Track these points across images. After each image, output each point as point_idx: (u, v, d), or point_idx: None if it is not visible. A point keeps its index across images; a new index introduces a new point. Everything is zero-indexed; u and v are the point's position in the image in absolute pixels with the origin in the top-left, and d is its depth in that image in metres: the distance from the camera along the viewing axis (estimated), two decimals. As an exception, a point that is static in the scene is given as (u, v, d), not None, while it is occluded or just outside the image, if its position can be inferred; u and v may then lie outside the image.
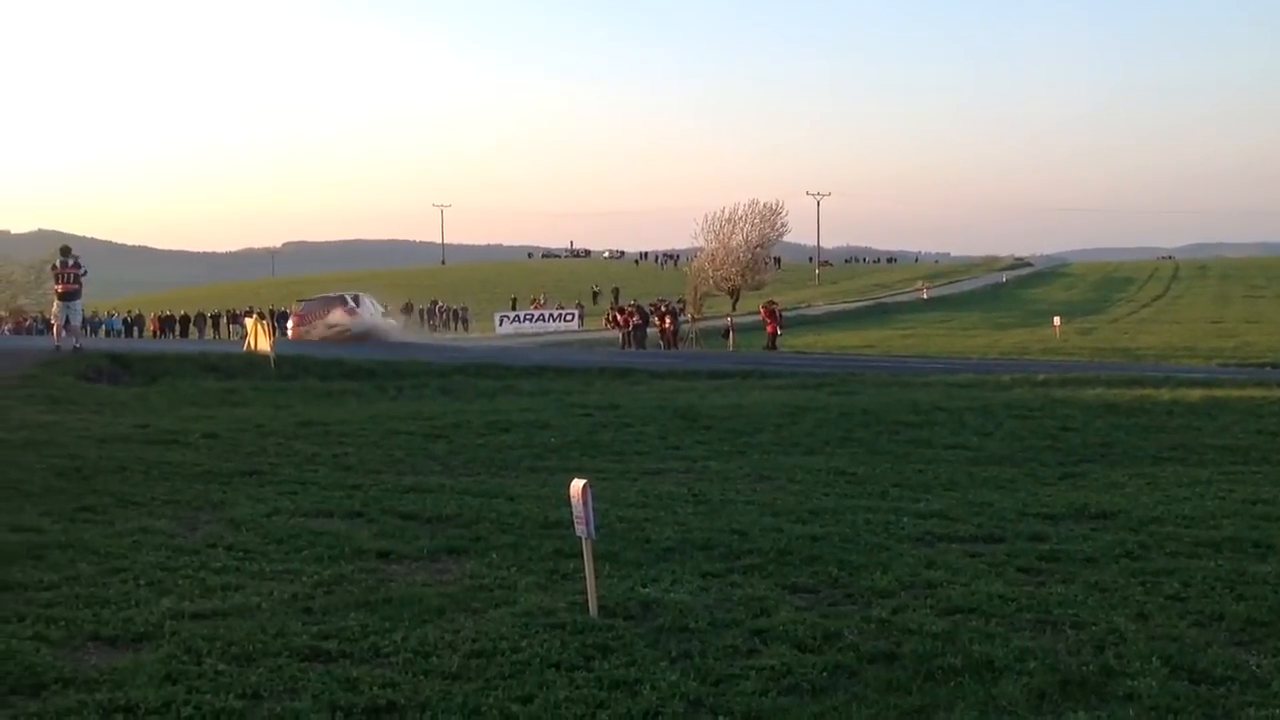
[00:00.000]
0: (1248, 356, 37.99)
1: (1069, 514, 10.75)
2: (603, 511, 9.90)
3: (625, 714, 5.74)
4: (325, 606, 7.49)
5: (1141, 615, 7.38)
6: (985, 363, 35.39)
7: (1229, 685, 6.16)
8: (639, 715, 5.74)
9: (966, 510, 10.94)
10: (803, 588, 8.14)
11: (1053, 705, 5.91)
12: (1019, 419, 18.16)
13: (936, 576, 8.32)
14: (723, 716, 5.73)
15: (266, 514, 10.35)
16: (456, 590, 7.91)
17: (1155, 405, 19.66)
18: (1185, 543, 9.44)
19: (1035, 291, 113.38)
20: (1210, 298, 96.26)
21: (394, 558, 8.94)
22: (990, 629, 7.07)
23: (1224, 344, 46.16)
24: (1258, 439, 16.55)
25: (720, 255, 79.18)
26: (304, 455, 14.20)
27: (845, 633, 6.96)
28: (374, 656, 6.54)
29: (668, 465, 14.23)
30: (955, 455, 15.27)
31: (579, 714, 5.75)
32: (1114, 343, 48.46)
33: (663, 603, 7.56)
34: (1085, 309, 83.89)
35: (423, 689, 6.00)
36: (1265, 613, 7.40)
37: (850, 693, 6.05)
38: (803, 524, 10.21)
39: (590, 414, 18.76)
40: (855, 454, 15.31)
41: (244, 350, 30.31)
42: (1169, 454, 15.35)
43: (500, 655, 6.51)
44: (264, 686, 6.03)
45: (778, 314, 46.26)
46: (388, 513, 10.53)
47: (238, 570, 8.39)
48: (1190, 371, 29.60)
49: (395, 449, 15.02)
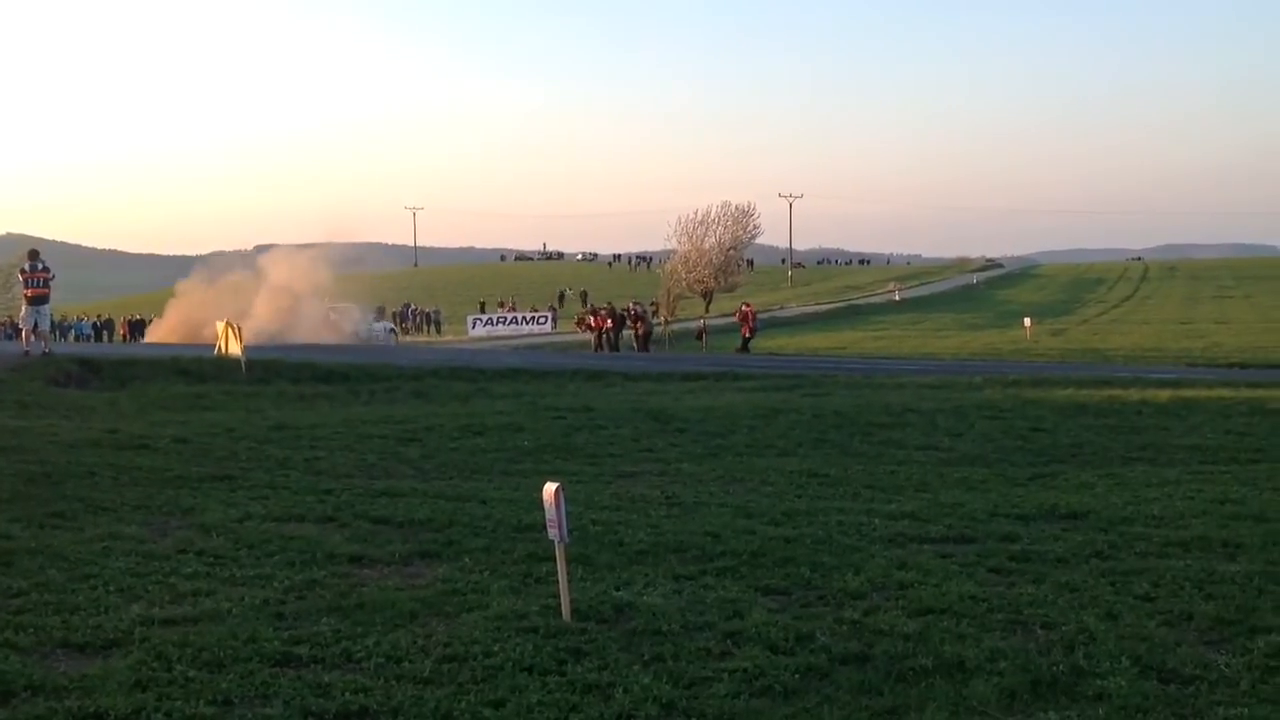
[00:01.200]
0: (1216, 357, 38.29)
1: (1040, 514, 10.81)
2: (576, 514, 9.91)
3: (598, 718, 5.73)
4: (297, 612, 7.46)
5: (1111, 615, 7.42)
6: (957, 364, 35.56)
7: (1198, 684, 6.20)
8: (612, 719, 5.74)
9: (938, 511, 10.98)
10: (775, 590, 8.15)
11: (1023, 705, 5.94)
12: (990, 420, 18.27)
13: (908, 577, 8.35)
14: (695, 719, 5.74)
15: (238, 519, 10.29)
16: (429, 594, 7.89)
17: (1125, 406, 19.81)
18: (1155, 542, 9.50)
19: (1006, 293, 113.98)
20: (1179, 299, 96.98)
21: (366, 562, 8.90)
22: (961, 630, 7.10)
23: (1193, 345, 46.52)
24: (1226, 439, 16.70)
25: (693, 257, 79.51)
26: (275, 460, 14.13)
27: (817, 634, 6.98)
28: (346, 662, 6.52)
29: (641, 468, 14.25)
30: (927, 456, 15.35)
31: (552, 718, 5.74)
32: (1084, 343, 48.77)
33: (636, 606, 7.56)
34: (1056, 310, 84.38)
35: (395, 694, 5.98)
36: (1234, 612, 7.46)
37: (822, 694, 6.06)
38: (776, 526, 10.23)
39: (564, 417, 18.76)
40: (828, 455, 15.36)
41: (215, 354, 30.14)
42: (1138, 454, 15.48)
43: (473, 659, 6.50)
44: (235, 693, 6.00)
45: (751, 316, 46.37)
46: (360, 517, 10.49)
47: (208, 576, 8.35)
48: (1159, 372, 29.83)
49: (368, 453, 14.97)
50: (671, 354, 40.77)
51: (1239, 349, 42.34)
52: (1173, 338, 51.97)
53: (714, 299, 78.10)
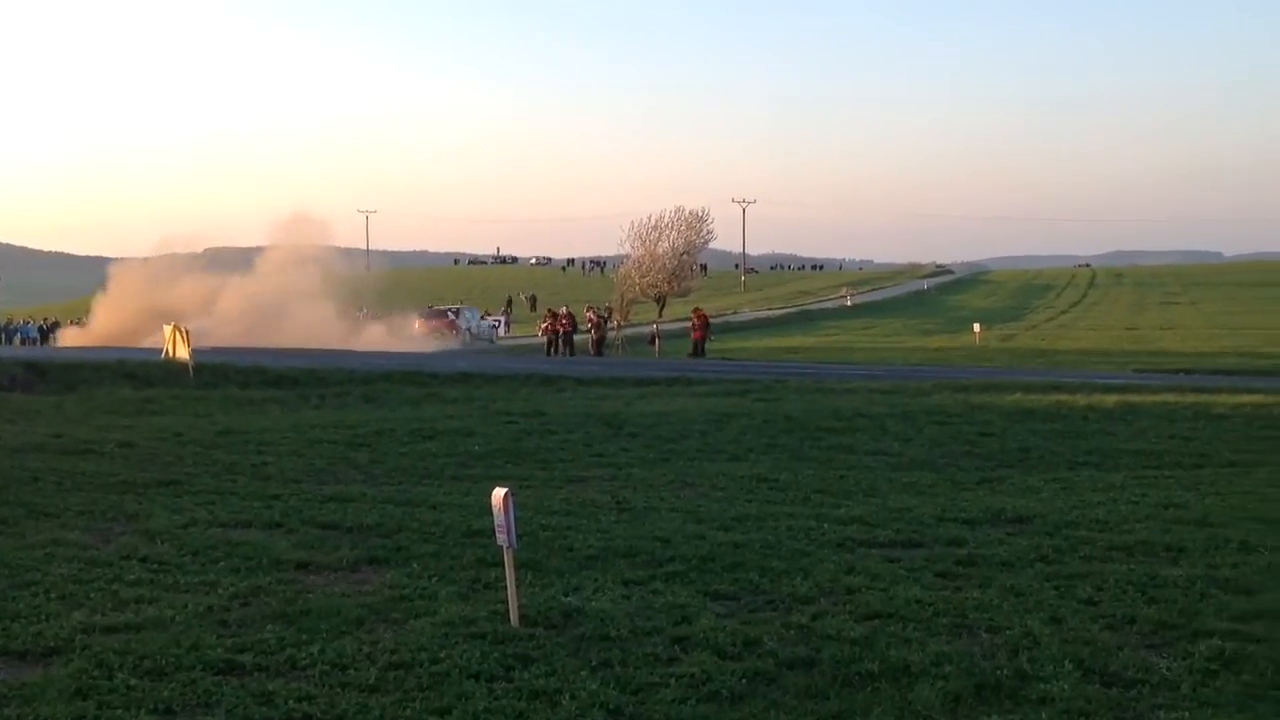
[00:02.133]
0: (1162, 363, 38.72)
1: (986, 519, 10.90)
2: (526, 519, 9.89)
3: (544, 724, 5.72)
4: (241, 619, 7.39)
5: (1056, 619, 7.49)
6: (907, 369, 35.79)
7: (1140, 688, 6.27)
8: (558, 725, 5.73)
9: (886, 516, 11.05)
10: (724, 595, 8.17)
11: (968, 709, 5.98)
12: (939, 425, 18.41)
13: (856, 582, 8.40)
14: (642, 725, 5.74)
15: (183, 525, 10.20)
16: (376, 601, 7.85)
17: (1072, 411, 20.01)
18: (1099, 547, 9.61)
19: (957, 298, 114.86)
20: (1126, 305, 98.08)
21: (313, 568, 8.84)
22: (908, 634, 7.14)
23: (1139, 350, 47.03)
24: (1170, 444, 16.92)
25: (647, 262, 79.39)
26: (223, 465, 14.02)
27: (765, 639, 7.00)
28: (290, 669, 6.47)
29: (592, 473, 14.24)
30: (876, 461, 15.44)
31: (498, 725, 5.72)
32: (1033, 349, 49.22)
33: (584, 611, 7.55)
34: (1005, 315, 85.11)
35: (340, 702, 5.94)
36: (1176, 616, 7.55)
37: (769, 699, 6.08)
38: (725, 531, 10.26)
39: (515, 421, 18.73)
40: (778, 460, 15.42)
41: (162, 358, 29.84)
42: (1084, 459, 15.64)
43: (419, 666, 6.47)
44: (177, 701, 5.95)
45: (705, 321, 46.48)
46: (307, 523, 10.42)
47: (152, 583, 8.26)
48: (1106, 378, 30.15)
49: (316, 458, 14.87)
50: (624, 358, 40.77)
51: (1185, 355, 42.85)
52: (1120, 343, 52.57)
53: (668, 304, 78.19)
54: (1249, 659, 6.65)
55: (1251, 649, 6.82)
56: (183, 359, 27.96)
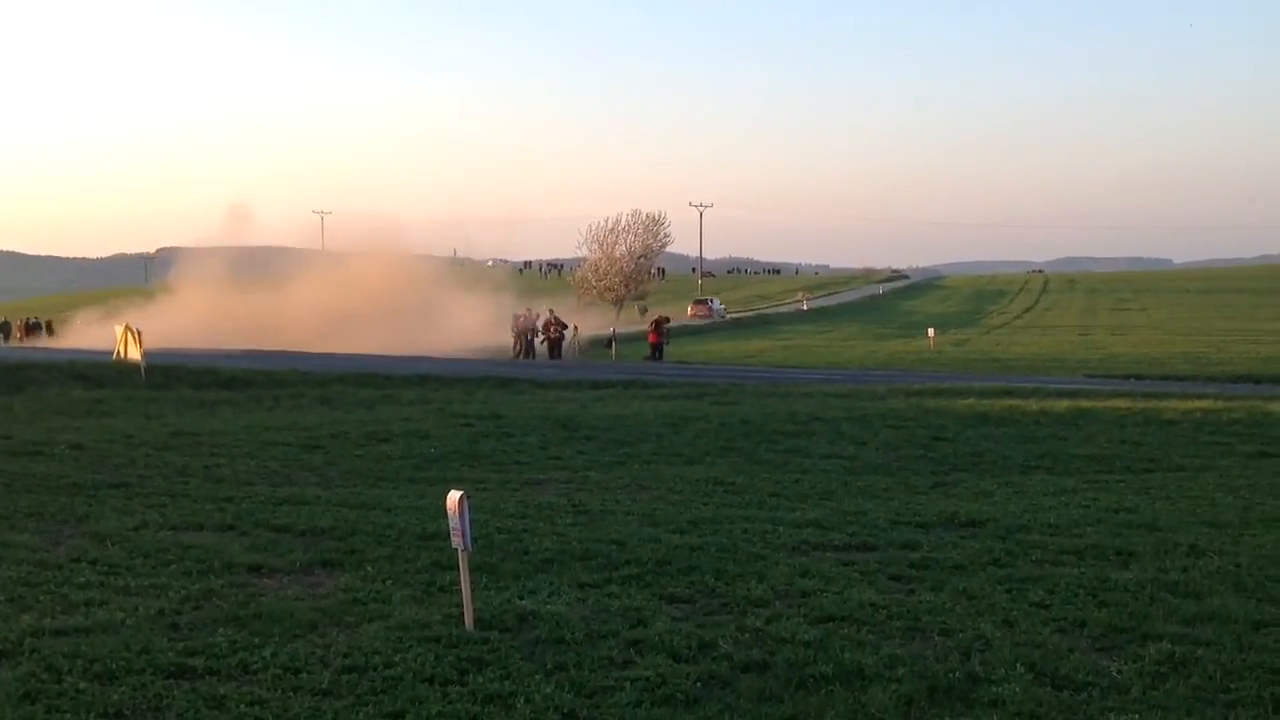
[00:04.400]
0: (1113, 368, 39.08)
1: (940, 522, 10.98)
2: (482, 522, 9.86)
3: (499, 728, 5.71)
4: (193, 622, 7.33)
5: (1007, 622, 7.56)
6: (862, 373, 35.96)
7: (1090, 691, 6.33)
8: (512, 729, 5.72)
9: (841, 519, 11.11)
10: (679, 598, 8.18)
11: (920, 712, 6.02)
12: (894, 429, 18.52)
13: (810, 585, 8.43)
14: (596, 728, 5.74)
15: (134, 527, 10.09)
16: (329, 604, 7.80)
17: (1024, 415, 20.19)
18: (1050, 550, 9.69)
19: (911, 303, 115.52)
20: (1078, 310, 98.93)
21: (266, 571, 8.77)
22: (861, 637, 7.18)
23: (1090, 355, 47.43)
24: (1121, 448, 17.10)
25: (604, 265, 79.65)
26: (174, 467, 13.88)
27: (720, 642, 7.01)
28: (242, 673, 6.41)
29: (548, 475, 14.22)
30: (832, 465, 15.52)
31: (452, 728, 5.70)
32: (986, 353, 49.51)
33: (539, 614, 7.54)
34: (959, 321, 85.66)
35: (292, 706, 5.90)
36: (1126, 619, 7.63)
37: (723, 703, 6.09)
38: (681, 534, 10.27)
39: (471, 424, 18.67)
40: (734, 464, 15.46)
41: (113, 359, 29.52)
42: (1037, 463, 15.79)
43: (372, 670, 6.43)
44: (127, 705, 5.88)
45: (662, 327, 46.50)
46: (261, 525, 10.34)
47: (102, 585, 8.17)
48: (1058, 382, 30.41)
49: (270, 460, 14.76)
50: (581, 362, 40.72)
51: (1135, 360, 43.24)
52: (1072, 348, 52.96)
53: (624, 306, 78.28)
54: (1198, 662, 6.74)
55: (1200, 652, 6.91)
56: (134, 360, 27.69)
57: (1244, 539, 10.30)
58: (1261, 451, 16.99)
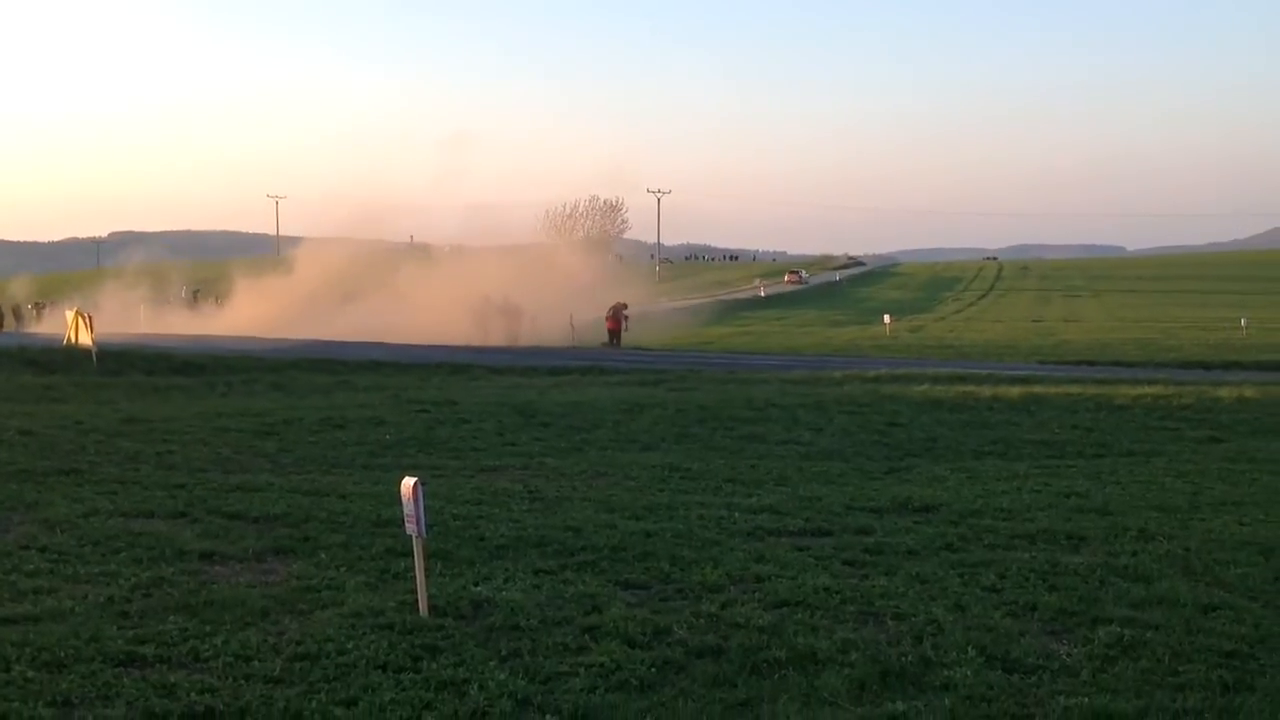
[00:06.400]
0: (1065, 355, 39.39)
1: (894, 507, 11.05)
2: (437, 509, 9.82)
3: (452, 715, 5.70)
4: (143, 610, 7.26)
5: (959, 606, 7.62)
6: (819, 359, 36.08)
7: (1040, 674, 6.40)
8: (466, 716, 5.70)
9: (796, 504, 11.15)
10: (635, 584, 8.19)
11: (872, 696, 6.06)
12: (849, 415, 18.60)
13: (765, 570, 8.46)
14: (550, 715, 5.74)
15: (84, 514, 9.97)
16: (282, 591, 7.75)
17: (978, 402, 20.33)
18: (1002, 535, 9.78)
19: (868, 290, 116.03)
20: (1031, 298, 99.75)
21: (218, 559, 8.71)
22: (815, 621, 7.22)
23: (1043, 342, 47.78)
24: (1072, 434, 17.26)
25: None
26: (126, 453, 13.73)
27: (675, 628, 7.03)
28: (193, 661, 6.36)
29: (504, 462, 14.18)
30: (787, 450, 15.57)
31: (405, 716, 5.68)
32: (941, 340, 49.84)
33: (494, 601, 7.53)
34: (915, 307, 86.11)
35: (243, 694, 5.86)
36: (1076, 603, 7.72)
37: (678, 688, 6.11)
38: (637, 520, 10.27)
39: (427, 410, 18.59)
40: (691, 450, 15.48)
41: (64, 344, 29.17)
42: (990, 448, 15.92)
43: (325, 658, 6.40)
44: (75, 694, 5.83)
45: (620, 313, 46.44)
46: (213, 512, 10.25)
47: (51, 573, 8.08)
48: (1011, 368, 30.66)
49: (223, 446, 14.63)
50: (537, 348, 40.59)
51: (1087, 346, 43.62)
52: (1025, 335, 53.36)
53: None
54: (1147, 645, 6.83)
55: (1149, 635, 7.00)
56: (85, 345, 27.36)
57: (1193, 523, 10.43)
58: (1210, 437, 17.21)
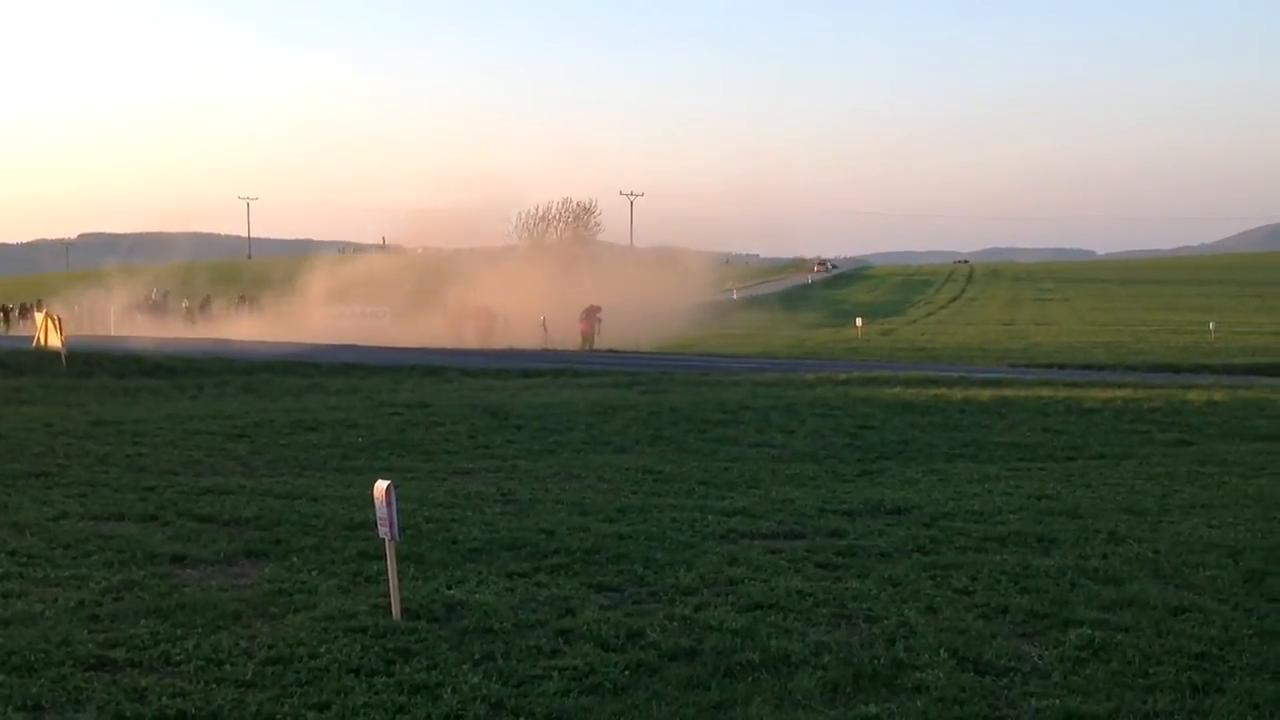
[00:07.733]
0: (1036, 357, 39.63)
1: (866, 510, 11.09)
2: (410, 512, 9.80)
3: (425, 718, 5.68)
4: (114, 613, 7.21)
5: (931, 608, 7.65)
6: (791, 362, 36.17)
7: (1012, 676, 6.42)
8: (439, 719, 5.69)
9: (769, 507, 11.17)
10: (608, 586, 8.19)
11: (845, 698, 6.08)
12: (821, 417, 18.65)
13: (738, 573, 8.48)
14: (524, 718, 5.73)
15: (53, 517, 9.91)
16: (254, 595, 7.71)
17: (949, 404, 20.42)
18: (974, 537, 9.83)
19: (840, 292, 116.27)
20: (1002, 300, 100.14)
21: (189, 562, 8.66)
22: (788, 624, 7.24)
23: (1014, 345, 48.02)
24: (1044, 437, 17.35)
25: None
26: (95, 456, 13.64)
27: (648, 631, 7.03)
28: (164, 665, 6.33)
29: (477, 464, 14.16)
30: (760, 453, 15.60)
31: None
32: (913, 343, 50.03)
33: (467, 604, 7.51)
34: (886, 310, 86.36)
35: (214, 698, 5.83)
36: (1047, 605, 7.76)
37: (651, 691, 6.11)
38: (610, 523, 10.28)
39: (400, 413, 18.54)
40: (664, 452, 15.49)
41: (33, 346, 28.95)
42: (961, 451, 15.98)
43: (298, 661, 6.37)
44: (45, 698, 5.79)
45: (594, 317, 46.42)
46: (184, 515, 10.20)
47: (20, 577, 8.02)
48: (983, 371, 30.79)
49: (193, 449, 14.56)
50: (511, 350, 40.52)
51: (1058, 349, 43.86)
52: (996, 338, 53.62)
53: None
54: (1117, 647, 6.87)
55: (1120, 638, 7.04)
56: (55, 347, 27.17)
57: (1162, 526, 10.51)
58: (1180, 440, 17.32)
